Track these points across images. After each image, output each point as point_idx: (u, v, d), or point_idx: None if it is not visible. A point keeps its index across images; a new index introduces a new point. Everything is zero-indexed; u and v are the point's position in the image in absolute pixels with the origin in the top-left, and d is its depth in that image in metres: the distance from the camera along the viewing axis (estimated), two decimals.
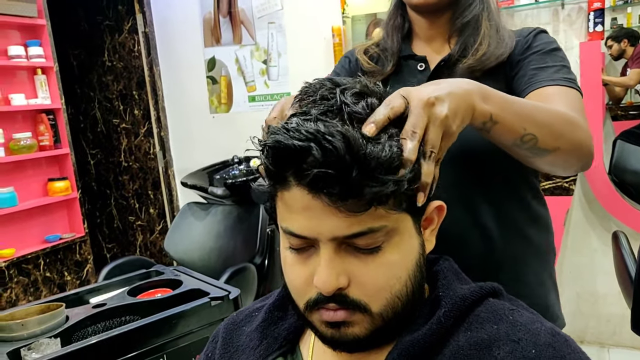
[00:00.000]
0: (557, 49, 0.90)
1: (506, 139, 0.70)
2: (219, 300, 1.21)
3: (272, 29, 3.18)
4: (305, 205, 0.52)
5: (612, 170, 2.60)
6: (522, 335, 0.55)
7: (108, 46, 3.69)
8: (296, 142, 0.49)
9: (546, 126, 0.71)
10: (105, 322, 1.21)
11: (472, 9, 0.92)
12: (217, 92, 3.43)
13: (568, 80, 0.84)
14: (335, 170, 0.48)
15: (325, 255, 0.54)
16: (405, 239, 0.57)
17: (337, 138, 0.48)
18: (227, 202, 2.74)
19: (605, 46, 3.52)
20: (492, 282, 0.64)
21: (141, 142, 3.68)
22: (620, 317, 2.49)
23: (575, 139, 0.74)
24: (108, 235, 4.01)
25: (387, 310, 0.56)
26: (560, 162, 0.76)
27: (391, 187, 0.50)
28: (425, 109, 0.56)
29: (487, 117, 0.65)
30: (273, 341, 0.69)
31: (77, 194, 3.07)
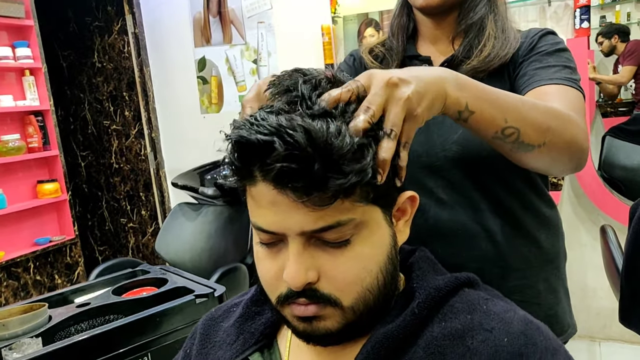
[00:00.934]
0: (562, 49, 0.88)
1: (485, 131, 0.67)
2: (204, 297, 1.20)
3: (261, 29, 3.17)
4: (272, 200, 0.52)
5: (602, 166, 2.61)
6: (495, 324, 0.56)
7: (98, 47, 3.68)
8: (259, 136, 0.48)
9: (530, 120, 0.68)
10: (88, 322, 1.20)
11: (478, 10, 0.90)
12: (207, 92, 3.42)
13: (569, 79, 0.82)
14: (298, 164, 0.48)
15: (293, 250, 0.53)
16: (374, 231, 0.56)
17: (298, 132, 0.48)
18: (218, 203, 2.73)
19: (596, 42, 3.54)
20: (468, 272, 0.64)
21: (132, 143, 3.67)
22: (610, 310, 2.51)
23: (564, 135, 0.71)
24: (99, 237, 4.00)
25: (359, 304, 0.56)
26: (549, 160, 0.73)
27: (354, 178, 0.50)
28: (385, 88, 0.54)
29: (462, 106, 0.63)
30: (250, 336, 0.68)
31: (67, 195, 3.05)
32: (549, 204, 0.95)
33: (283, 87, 0.56)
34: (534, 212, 0.91)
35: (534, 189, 0.92)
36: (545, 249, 0.92)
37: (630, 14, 4.43)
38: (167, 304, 1.19)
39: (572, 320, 0.97)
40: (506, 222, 0.88)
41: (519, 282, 0.88)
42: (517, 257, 0.89)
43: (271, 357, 0.67)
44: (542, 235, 0.92)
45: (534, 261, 0.91)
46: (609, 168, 2.63)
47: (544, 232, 0.93)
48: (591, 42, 3.05)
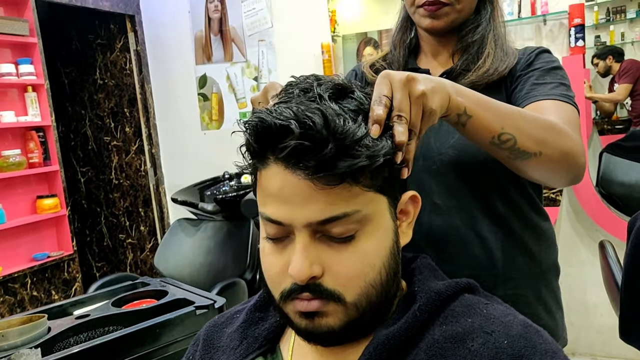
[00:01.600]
0: (559, 67, 0.91)
1: (482, 136, 0.70)
2: (204, 309, 1.20)
3: (262, 47, 3.22)
4: (281, 184, 0.54)
5: (600, 183, 2.62)
6: (495, 327, 0.57)
7: (100, 64, 3.71)
8: (277, 121, 0.51)
9: (527, 129, 0.71)
10: (88, 333, 1.19)
11: (479, 30, 0.93)
12: (208, 109, 3.45)
13: (565, 96, 0.84)
14: (312, 143, 0.50)
15: (300, 243, 0.54)
16: (379, 226, 0.57)
17: (316, 114, 0.51)
18: (218, 218, 2.73)
19: (592, 64, 3.59)
20: (468, 279, 0.65)
21: (132, 159, 3.68)
22: (611, 327, 2.49)
23: (561, 147, 0.73)
24: (98, 253, 3.98)
25: (362, 300, 0.56)
26: (546, 170, 0.75)
27: (364, 160, 0.52)
28: (404, 87, 0.58)
29: (461, 110, 0.66)
30: (253, 341, 0.69)
31: (66, 211, 3.05)
32: (543, 216, 0.96)
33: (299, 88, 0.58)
34: (529, 222, 0.92)
35: (529, 200, 0.92)
36: (538, 260, 0.93)
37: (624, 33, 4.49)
38: (167, 315, 1.19)
39: (563, 333, 0.97)
40: (500, 230, 0.89)
41: (510, 292, 0.88)
42: (510, 266, 0.89)
43: None
44: (535, 246, 0.92)
45: (526, 271, 0.91)
46: (607, 184, 2.64)
47: (538, 243, 0.93)
48: (587, 61, 3.10)
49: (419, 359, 0.56)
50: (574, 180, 0.79)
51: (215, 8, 3.30)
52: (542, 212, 0.96)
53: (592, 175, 2.58)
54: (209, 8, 3.32)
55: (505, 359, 0.53)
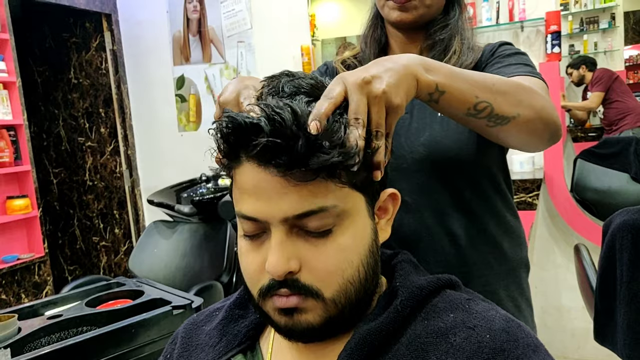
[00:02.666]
0: (521, 52, 0.93)
1: (458, 109, 0.68)
2: (181, 309, 1.18)
3: (241, 48, 3.20)
4: (256, 182, 0.53)
5: (574, 188, 2.67)
6: (477, 322, 0.57)
7: (74, 63, 3.64)
8: (247, 119, 0.51)
9: (500, 93, 0.69)
10: (60, 333, 1.15)
11: (447, 30, 0.94)
12: (185, 110, 3.41)
13: (531, 73, 0.85)
14: (282, 140, 0.50)
15: (276, 239, 0.54)
16: (357, 222, 0.57)
17: (285, 110, 0.50)
18: (194, 220, 2.70)
19: (566, 74, 3.67)
20: (450, 275, 0.65)
21: (107, 160, 3.61)
22: (585, 331, 2.53)
23: (535, 104, 0.73)
24: (70, 256, 3.89)
25: (340, 296, 0.56)
26: (526, 132, 0.74)
27: (336, 157, 0.51)
28: (362, 89, 0.55)
29: (432, 88, 0.64)
30: (233, 338, 0.68)
31: (37, 212, 2.97)
32: (513, 213, 0.97)
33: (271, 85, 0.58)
34: (499, 219, 0.93)
35: (501, 196, 0.94)
36: (508, 257, 0.94)
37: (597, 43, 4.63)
38: (143, 314, 1.16)
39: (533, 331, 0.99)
40: (472, 226, 0.89)
41: (480, 289, 0.87)
42: (480, 262, 0.90)
43: (254, 358, 0.67)
44: (505, 243, 0.93)
45: (496, 268, 0.92)
46: (581, 190, 2.69)
47: (508, 240, 0.94)
48: (561, 70, 3.17)
49: (401, 354, 0.56)
50: (554, 138, 0.78)
51: (194, 8, 3.27)
52: (514, 209, 0.98)
53: (567, 180, 2.62)
54: (187, 8, 3.29)
55: (488, 353, 0.53)
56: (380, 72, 0.58)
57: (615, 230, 1.58)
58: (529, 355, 0.54)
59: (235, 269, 2.54)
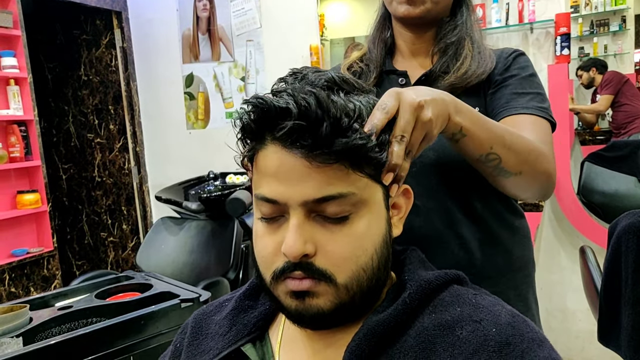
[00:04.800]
0: (534, 74, 0.95)
1: (473, 153, 0.76)
2: (189, 302, 1.19)
3: (250, 47, 3.21)
4: (279, 163, 0.54)
5: (581, 191, 2.67)
6: (484, 316, 0.58)
7: (85, 60, 3.67)
8: (276, 103, 0.53)
9: (512, 150, 0.77)
10: (70, 324, 1.17)
11: (456, 32, 0.95)
12: (194, 108, 3.43)
13: (541, 109, 0.89)
14: (308, 123, 0.52)
15: (294, 221, 0.55)
16: (374, 212, 0.58)
17: (311, 97, 0.52)
18: (202, 217, 2.72)
19: (576, 76, 3.66)
20: (457, 270, 0.66)
21: (116, 157, 3.64)
22: (589, 333, 2.53)
23: (538, 168, 0.80)
24: (78, 251, 3.92)
25: (352, 282, 0.57)
26: (522, 187, 0.82)
27: (359, 140, 0.53)
28: (414, 112, 0.61)
29: (457, 129, 0.71)
30: (242, 327, 0.69)
31: (47, 207, 3.00)
32: (519, 214, 1.00)
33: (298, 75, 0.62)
34: (504, 222, 0.95)
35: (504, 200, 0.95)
36: (516, 258, 0.95)
37: (607, 46, 4.60)
38: (151, 307, 1.17)
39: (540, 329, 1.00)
40: (479, 230, 0.91)
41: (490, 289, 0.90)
42: (489, 265, 0.91)
43: (263, 348, 0.68)
44: (513, 245, 0.95)
45: (505, 269, 0.93)
46: (588, 193, 2.68)
47: (515, 241, 0.96)
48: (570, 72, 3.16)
49: (408, 346, 0.56)
50: (544, 197, 0.88)
51: (203, 7, 3.29)
52: (518, 210, 1.00)
53: (574, 183, 2.62)
54: (197, 7, 3.31)
55: (494, 346, 0.54)
56: (428, 100, 0.63)
57: (621, 232, 1.58)
58: (534, 350, 0.54)
59: (241, 265, 2.56)
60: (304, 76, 0.60)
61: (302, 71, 0.62)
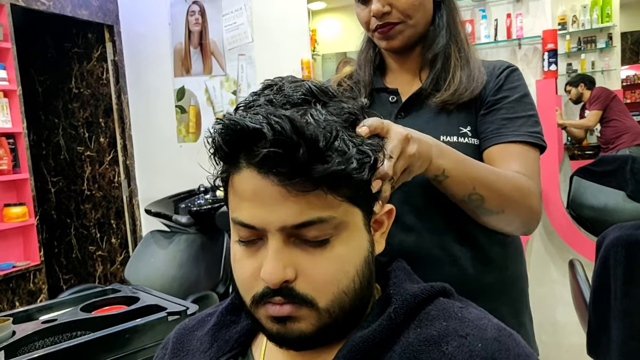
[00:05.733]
0: (526, 94, 0.93)
1: (456, 193, 0.79)
2: (177, 315, 1.17)
3: (242, 61, 3.22)
4: (255, 189, 0.52)
5: (570, 205, 2.68)
6: (470, 330, 0.57)
7: (76, 73, 3.66)
8: (249, 123, 0.50)
9: (495, 190, 0.79)
10: (54, 337, 1.15)
11: (439, 41, 0.93)
12: (185, 121, 3.43)
13: (532, 135, 0.89)
14: (284, 150, 0.49)
15: (273, 246, 0.53)
16: (354, 234, 0.57)
17: (284, 120, 0.49)
18: (191, 231, 2.70)
19: (565, 92, 3.71)
20: (443, 283, 0.65)
21: (106, 170, 3.61)
22: (579, 347, 2.51)
23: (522, 206, 0.83)
24: (65, 265, 3.87)
25: (334, 306, 0.55)
26: (505, 223, 0.85)
27: (337, 166, 0.51)
28: (403, 141, 0.65)
29: (440, 171, 0.75)
30: (224, 344, 0.67)
31: (34, 220, 2.97)
32: None
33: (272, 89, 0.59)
34: (496, 238, 0.93)
35: None
36: (508, 274, 0.95)
37: (595, 62, 4.67)
38: (137, 320, 1.15)
39: (534, 345, 0.98)
40: (470, 248, 0.90)
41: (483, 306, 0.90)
42: (481, 283, 0.90)
43: None
44: (505, 261, 0.94)
45: (498, 286, 0.92)
46: (577, 207, 2.70)
47: (507, 257, 0.95)
48: (559, 88, 3.20)
49: None
50: (527, 232, 0.90)
51: (195, 21, 3.31)
52: None
53: (563, 197, 2.63)
54: (189, 21, 3.33)
55: None
56: (415, 137, 0.68)
57: (609, 245, 1.58)
58: None
59: (231, 279, 2.53)
60: (280, 88, 0.58)
61: (278, 83, 0.59)
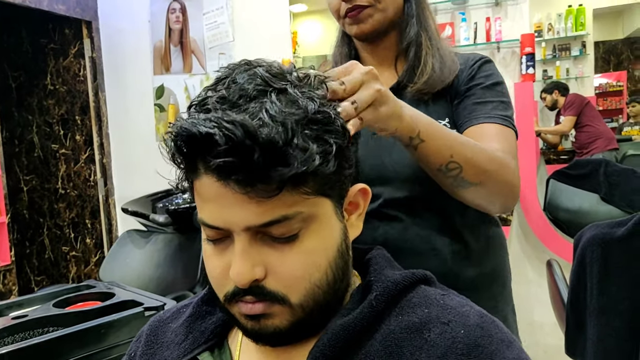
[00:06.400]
0: (498, 82, 0.92)
1: (432, 162, 0.75)
2: (154, 310, 1.15)
3: (222, 60, 3.20)
4: (216, 193, 0.51)
5: (547, 207, 2.73)
6: (452, 317, 0.56)
7: (51, 69, 3.58)
8: (202, 128, 0.48)
9: (473, 160, 0.76)
10: (25, 333, 1.11)
11: (409, 30, 0.93)
12: (164, 120, 3.38)
13: (504, 118, 0.87)
14: (239, 158, 0.47)
15: (239, 246, 0.52)
16: (324, 225, 0.55)
17: (236, 126, 0.47)
18: (169, 230, 2.66)
19: (540, 98, 3.78)
20: (424, 270, 0.65)
21: (81, 168, 3.54)
22: (557, 348, 2.55)
23: (500, 178, 0.79)
24: (37, 266, 3.78)
25: (307, 300, 0.54)
26: (482, 198, 0.81)
27: (299, 167, 0.49)
28: (365, 75, 0.61)
29: (414, 133, 0.70)
30: (200, 335, 0.65)
31: (5, 218, 2.89)
32: (493, 222, 0.99)
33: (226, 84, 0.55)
34: (479, 232, 0.94)
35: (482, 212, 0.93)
36: (490, 269, 0.95)
37: (569, 69, 4.77)
38: (112, 315, 1.13)
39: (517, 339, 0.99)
40: (454, 242, 0.91)
41: None
42: (463, 277, 0.91)
43: (221, 356, 0.65)
44: (488, 256, 0.95)
45: (480, 281, 0.93)
46: (553, 209, 2.75)
47: (490, 252, 0.96)
48: (535, 94, 3.25)
49: (374, 350, 0.55)
50: (505, 209, 0.87)
51: (176, 19, 3.27)
52: (493, 219, 0.99)
53: (540, 199, 2.67)
54: (170, 18, 3.29)
55: (462, 349, 0.53)
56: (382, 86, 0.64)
57: (585, 244, 1.61)
58: (502, 351, 0.54)
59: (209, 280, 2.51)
60: (233, 81, 0.54)
61: (230, 75, 0.56)
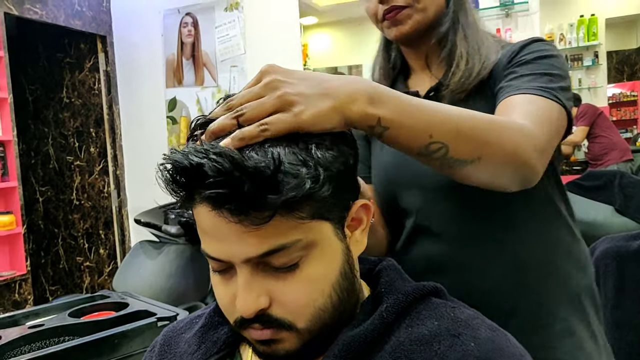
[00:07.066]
0: (545, 56, 0.78)
1: (407, 148, 0.61)
2: (166, 320, 1.16)
3: (234, 72, 3.24)
4: (213, 224, 0.51)
5: None
6: (462, 330, 0.56)
7: (67, 83, 3.65)
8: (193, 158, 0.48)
9: (463, 133, 0.61)
10: (41, 342, 1.13)
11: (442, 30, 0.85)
12: (176, 132, 3.42)
13: (543, 89, 0.72)
14: (229, 188, 0.48)
15: (242, 278, 0.52)
16: (325, 250, 0.55)
17: (223, 157, 0.47)
18: (181, 241, 2.68)
19: None
20: (435, 282, 0.64)
21: (95, 180, 3.59)
22: None
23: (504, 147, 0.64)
24: (52, 276, 3.82)
25: (314, 324, 0.55)
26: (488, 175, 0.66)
27: (289, 193, 0.49)
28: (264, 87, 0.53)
29: (373, 122, 0.57)
30: (212, 345, 0.66)
31: (22, 229, 2.93)
32: (570, 230, 0.85)
33: None
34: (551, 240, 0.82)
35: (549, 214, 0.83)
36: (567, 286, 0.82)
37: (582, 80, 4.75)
38: (126, 325, 1.14)
39: None
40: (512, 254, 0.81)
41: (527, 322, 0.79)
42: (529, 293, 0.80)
43: None
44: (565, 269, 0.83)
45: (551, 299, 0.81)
46: None
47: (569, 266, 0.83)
48: None
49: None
50: (524, 183, 0.69)
51: (188, 32, 3.32)
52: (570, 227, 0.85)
53: None
54: (182, 32, 3.34)
55: None
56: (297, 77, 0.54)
57: (599, 257, 1.59)
58: None
59: None
60: None
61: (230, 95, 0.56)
